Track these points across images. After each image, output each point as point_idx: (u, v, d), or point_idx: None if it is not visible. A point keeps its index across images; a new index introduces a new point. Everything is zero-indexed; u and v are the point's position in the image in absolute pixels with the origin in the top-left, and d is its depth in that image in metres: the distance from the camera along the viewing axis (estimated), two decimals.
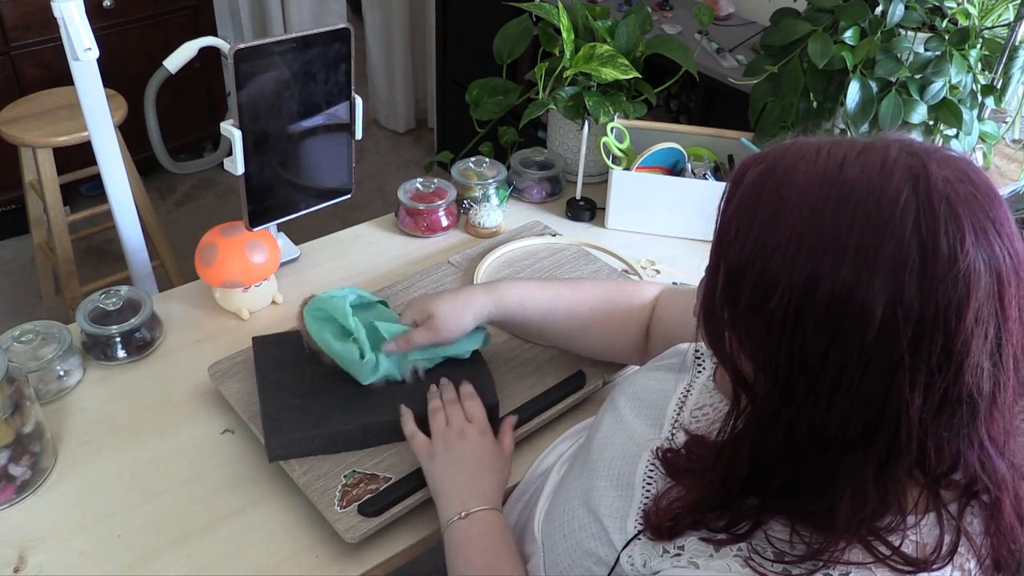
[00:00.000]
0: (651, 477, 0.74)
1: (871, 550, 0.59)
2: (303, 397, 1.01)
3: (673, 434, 0.78)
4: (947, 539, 0.60)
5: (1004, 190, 1.71)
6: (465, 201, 1.48)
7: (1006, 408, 0.59)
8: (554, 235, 1.41)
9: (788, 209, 0.58)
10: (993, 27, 1.39)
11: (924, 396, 0.55)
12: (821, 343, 0.56)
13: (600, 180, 1.61)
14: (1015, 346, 0.57)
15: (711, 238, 0.64)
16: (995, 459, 0.59)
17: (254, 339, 1.09)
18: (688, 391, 0.81)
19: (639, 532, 0.70)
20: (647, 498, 0.73)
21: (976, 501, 0.62)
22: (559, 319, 1.04)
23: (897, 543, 0.59)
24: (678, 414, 0.80)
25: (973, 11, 1.34)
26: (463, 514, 0.87)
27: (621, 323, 1.04)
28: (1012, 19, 1.38)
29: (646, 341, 1.04)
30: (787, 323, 0.57)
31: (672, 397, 0.81)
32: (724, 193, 0.63)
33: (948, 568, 0.60)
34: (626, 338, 1.04)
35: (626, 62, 1.44)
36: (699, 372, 0.83)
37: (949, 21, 1.32)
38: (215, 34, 2.81)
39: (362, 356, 0.99)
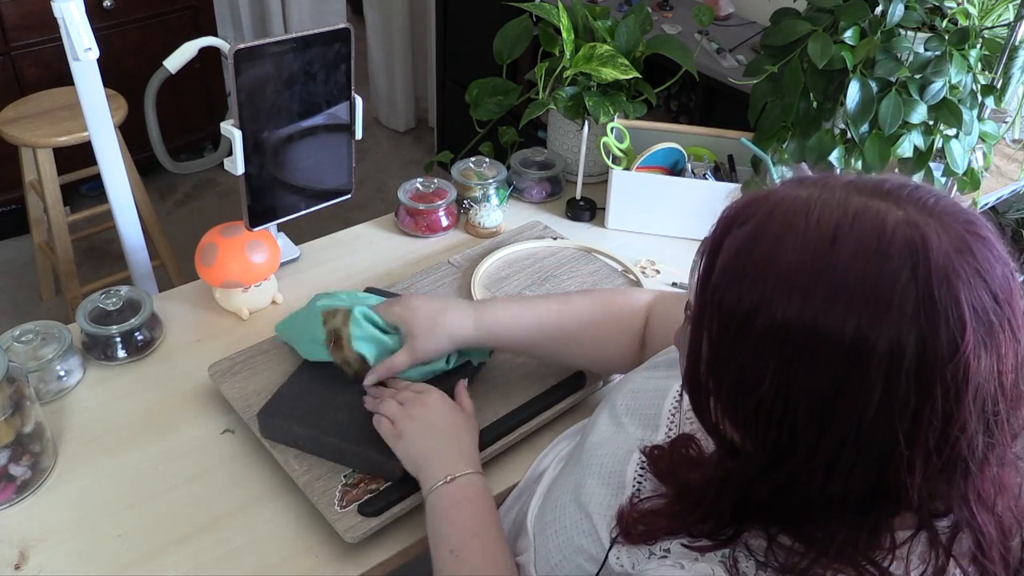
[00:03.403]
0: (640, 476, 0.74)
1: (860, 571, 0.58)
2: (319, 394, 1.01)
3: (668, 436, 0.78)
4: (938, 561, 0.59)
5: (1004, 190, 1.71)
6: (465, 201, 1.48)
7: (996, 464, 0.58)
8: (556, 238, 1.41)
9: (776, 289, 0.54)
10: (993, 27, 1.39)
11: (922, 473, 0.54)
12: (813, 430, 0.55)
13: (600, 180, 1.61)
14: (1008, 410, 0.56)
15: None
16: (981, 518, 0.58)
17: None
18: (683, 390, 0.81)
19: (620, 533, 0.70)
20: (634, 497, 0.73)
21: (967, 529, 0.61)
22: (547, 338, 1.01)
23: (888, 563, 0.58)
24: (674, 415, 0.79)
25: (973, 11, 1.34)
26: (449, 478, 0.87)
27: (612, 335, 1.02)
28: (1012, 19, 1.38)
29: (641, 349, 1.03)
30: (777, 406, 0.55)
31: (667, 397, 0.81)
32: (703, 252, 0.60)
33: None
34: (618, 348, 1.03)
35: (626, 62, 1.44)
36: None
37: (949, 21, 1.32)
38: (215, 34, 2.80)
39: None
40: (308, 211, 1.29)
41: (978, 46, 1.34)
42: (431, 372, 1.02)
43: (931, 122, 1.33)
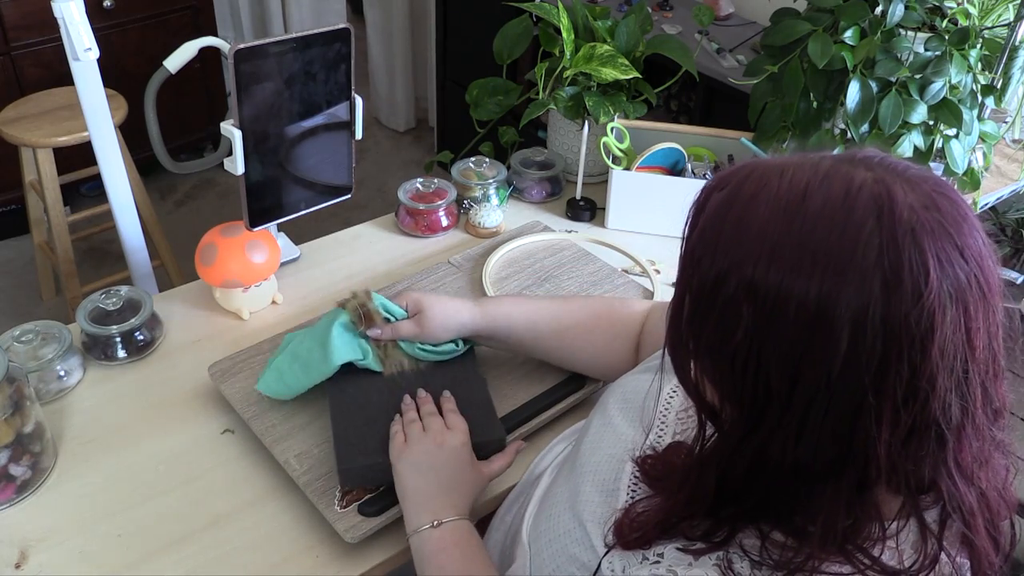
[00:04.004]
0: (635, 484, 0.74)
1: (851, 561, 0.58)
2: (377, 423, 0.97)
3: (659, 437, 0.78)
4: (929, 547, 0.59)
5: (1004, 190, 1.71)
6: (465, 201, 1.48)
7: (975, 436, 0.58)
8: (569, 231, 1.43)
9: (750, 241, 0.56)
10: (993, 27, 1.39)
11: (891, 430, 0.55)
12: (786, 378, 0.56)
13: (600, 180, 1.61)
14: (982, 375, 0.56)
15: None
16: (962, 489, 0.59)
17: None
18: (675, 392, 0.81)
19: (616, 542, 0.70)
20: (628, 505, 0.72)
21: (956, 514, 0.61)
22: (545, 335, 1.04)
23: (879, 552, 0.59)
24: (665, 416, 0.79)
25: (973, 11, 1.34)
26: (435, 523, 0.86)
27: (607, 338, 1.04)
28: (1012, 19, 1.38)
29: (636, 356, 1.03)
30: (751, 358, 0.57)
31: (659, 398, 0.81)
32: (687, 219, 0.62)
33: None
34: (613, 353, 1.04)
35: (626, 62, 1.44)
36: None
37: (949, 21, 1.32)
38: (215, 34, 2.80)
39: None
40: (308, 211, 1.29)
41: (978, 46, 1.34)
42: (446, 353, 1.04)
43: (931, 122, 1.34)
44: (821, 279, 0.53)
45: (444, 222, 1.44)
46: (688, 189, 1.41)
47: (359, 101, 1.26)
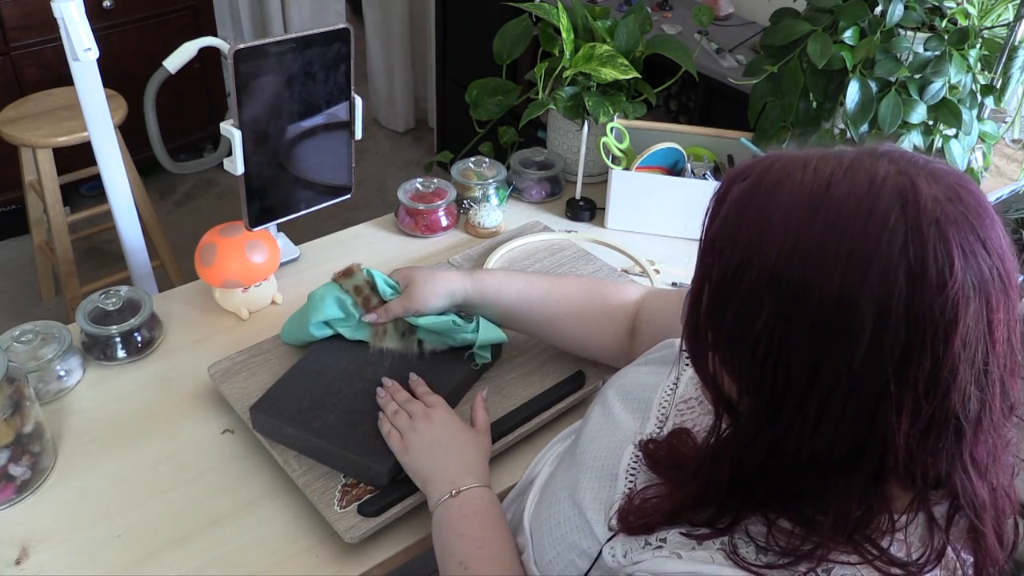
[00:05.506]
0: (634, 469, 0.75)
1: (859, 551, 0.59)
2: (312, 394, 1.01)
3: (660, 427, 0.78)
4: (936, 542, 0.60)
5: (1004, 190, 1.71)
6: (465, 201, 1.48)
7: (991, 431, 0.58)
8: (569, 231, 1.43)
9: (773, 230, 0.56)
10: (993, 27, 1.39)
11: (911, 421, 0.55)
12: (806, 368, 0.56)
13: (600, 180, 1.61)
14: (1001, 369, 0.57)
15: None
16: (976, 483, 0.59)
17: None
18: (675, 384, 0.81)
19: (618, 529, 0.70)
20: (629, 490, 0.73)
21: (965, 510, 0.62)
22: (534, 306, 1.05)
23: (887, 544, 0.59)
24: (665, 407, 0.80)
25: (973, 11, 1.34)
26: (454, 492, 0.87)
27: (597, 319, 1.04)
28: (1012, 19, 1.38)
29: (630, 343, 1.04)
30: (772, 347, 0.57)
31: (659, 390, 0.82)
32: (708, 209, 0.62)
33: (936, 571, 0.60)
34: (603, 336, 1.04)
35: (626, 62, 1.44)
36: (687, 366, 0.83)
37: (949, 21, 1.32)
38: (215, 34, 2.81)
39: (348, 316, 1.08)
40: (308, 211, 1.29)
41: (978, 46, 1.34)
42: (441, 323, 1.05)
43: (931, 122, 1.34)
44: (845, 268, 0.54)
45: (444, 222, 1.44)
46: (688, 189, 1.42)
47: (359, 101, 1.26)
